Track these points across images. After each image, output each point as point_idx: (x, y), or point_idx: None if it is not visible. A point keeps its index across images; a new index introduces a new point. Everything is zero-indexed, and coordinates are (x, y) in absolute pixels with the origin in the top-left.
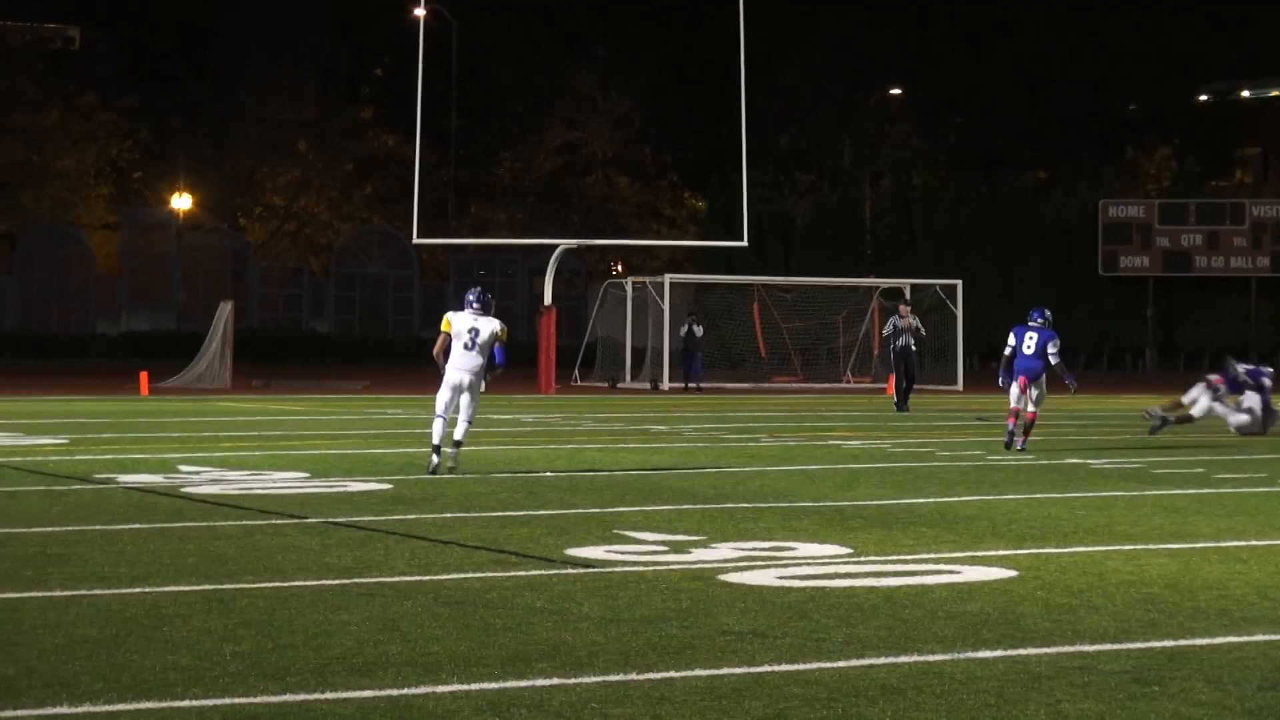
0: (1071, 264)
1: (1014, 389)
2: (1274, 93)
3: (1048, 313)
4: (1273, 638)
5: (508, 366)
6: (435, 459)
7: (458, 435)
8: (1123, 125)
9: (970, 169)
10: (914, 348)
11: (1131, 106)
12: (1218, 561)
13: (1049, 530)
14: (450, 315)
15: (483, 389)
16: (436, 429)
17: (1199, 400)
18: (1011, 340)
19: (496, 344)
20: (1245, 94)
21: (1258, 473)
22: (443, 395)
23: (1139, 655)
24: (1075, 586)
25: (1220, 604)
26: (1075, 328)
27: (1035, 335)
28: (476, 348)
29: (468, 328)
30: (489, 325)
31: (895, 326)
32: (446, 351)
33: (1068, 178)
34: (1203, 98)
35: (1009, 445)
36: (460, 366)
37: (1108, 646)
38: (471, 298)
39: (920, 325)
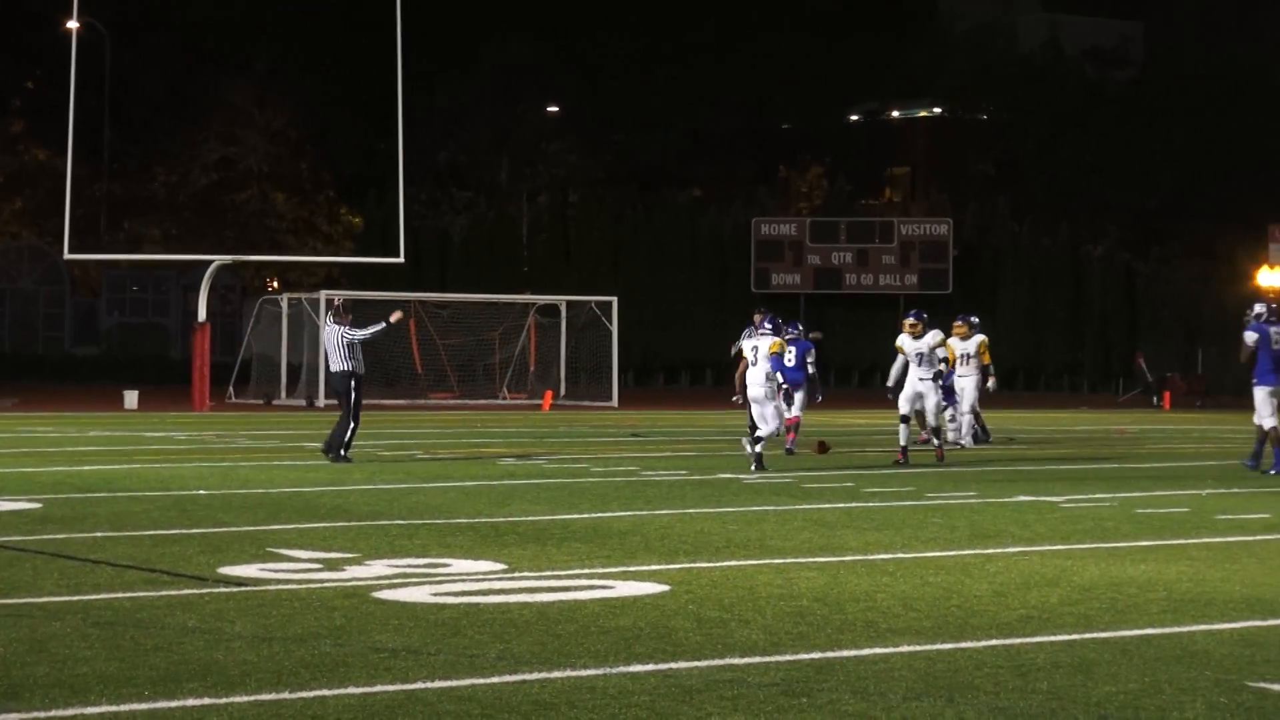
0: (726, 281)
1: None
2: (922, 113)
3: (799, 325)
4: (917, 649)
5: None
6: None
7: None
8: (777, 144)
9: (627, 186)
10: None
11: (785, 125)
12: (865, 574)
13: (701, 545)
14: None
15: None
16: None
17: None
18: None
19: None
20: (895, 114)
21: (904, 487)
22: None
23: (788, 667)
24: (726, 600)
25: (867, 616)
26: (730, 342)
27: (793, 349)
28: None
29: (751, 347)
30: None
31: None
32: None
33: (723, 195)
34: (853, 117)
35: (790, 452)
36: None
37: (757, 659)
38: (764, 321)
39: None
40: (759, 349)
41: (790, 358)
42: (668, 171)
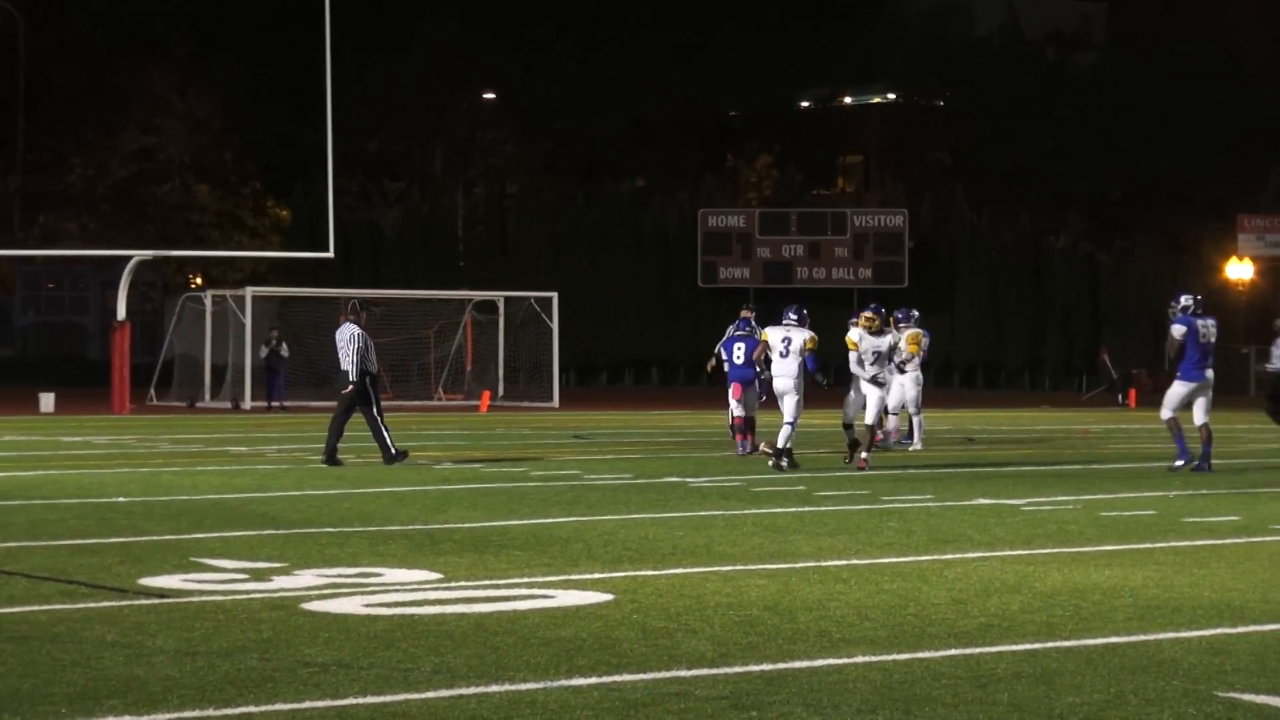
0: (671, 275)
1: (731, 398)
2: (876, 99)
3: (752, 321)
4: (872, 659)
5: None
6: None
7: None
8: (723, 132)
9: (567, 177)
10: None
11: (732, 112)
12: (818, 581)
13: (646, 551)
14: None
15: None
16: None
17: None
18: (722, 354)
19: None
20: (847, 100)
21: (859, 490)
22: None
23: (737, 680)
24: (672, 610)
25: (820, 625)
26: (675, 341)
27: (743, 345)
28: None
29: (781, 338)
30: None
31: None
32: (766, 362)
33: (668, 186)
34: (804, 104)
35: (743, 453)
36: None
37: (705, 671)
38: (789, 312)
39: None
40: (791, 341)
41: (739, 354)
42: (609, 161)
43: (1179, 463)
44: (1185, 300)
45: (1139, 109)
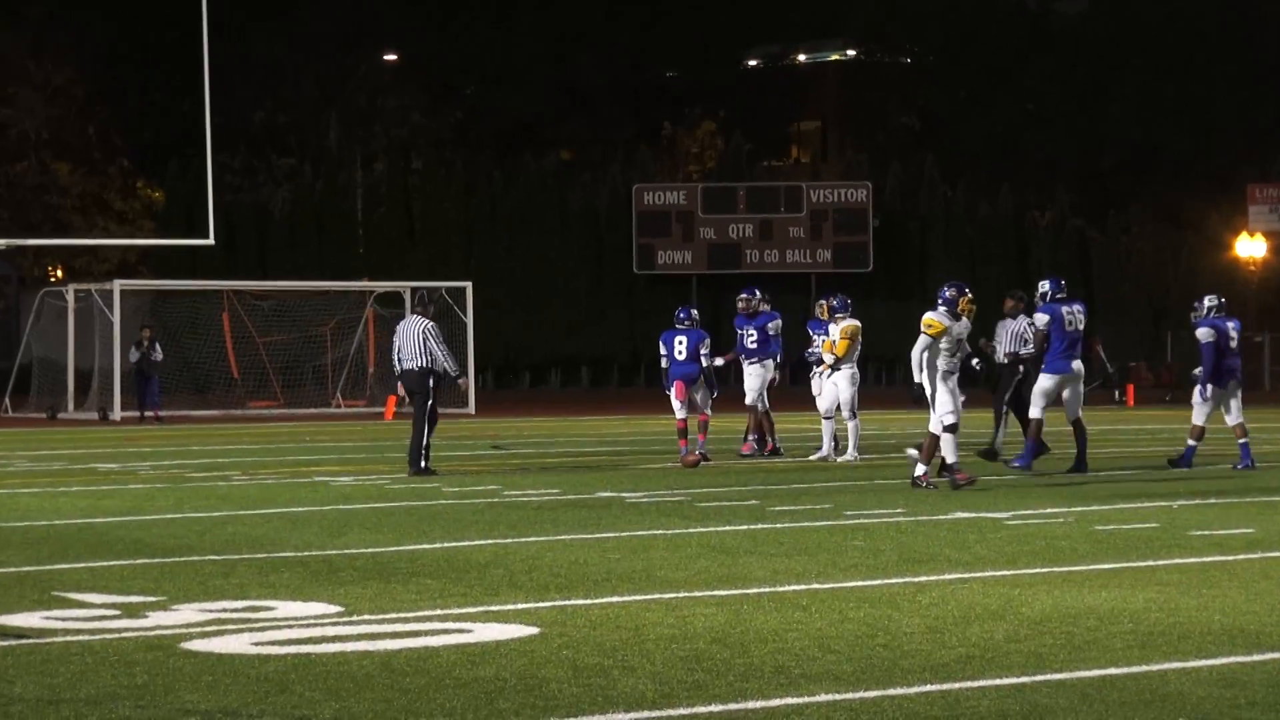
0: (602, 261)
1: (673, 398)
2: (834, 56)
3: (694, 312)
4: (837, 697)
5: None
6: None
7: None
8: (660, 96)
9: (482, 150)
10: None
11: (670, 74)
12: (773, 609)
13: (577, 578)
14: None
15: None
16: None
17: None
18: (662, 348)
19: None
20: (801, 58)
21: (819, 504)
22: None
23: None
24: (607, 644)
25: (777, 659)
26: (607, 336)
27: (685, 338)
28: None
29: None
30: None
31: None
32: None
33: (597, 159)
34: (752, 63)
35: (705, 458)
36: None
37: (646, 714)
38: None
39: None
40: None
41: (681, 350)
42: (530, 131)
43: (1017, 463)
44: (1045, 286)
45: (1133, 66)
